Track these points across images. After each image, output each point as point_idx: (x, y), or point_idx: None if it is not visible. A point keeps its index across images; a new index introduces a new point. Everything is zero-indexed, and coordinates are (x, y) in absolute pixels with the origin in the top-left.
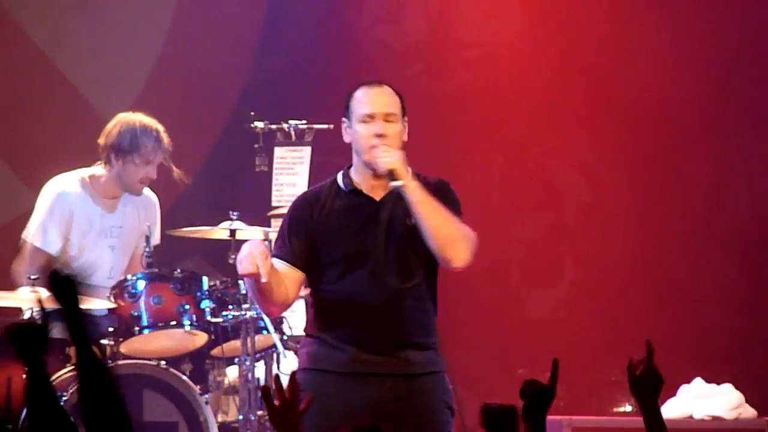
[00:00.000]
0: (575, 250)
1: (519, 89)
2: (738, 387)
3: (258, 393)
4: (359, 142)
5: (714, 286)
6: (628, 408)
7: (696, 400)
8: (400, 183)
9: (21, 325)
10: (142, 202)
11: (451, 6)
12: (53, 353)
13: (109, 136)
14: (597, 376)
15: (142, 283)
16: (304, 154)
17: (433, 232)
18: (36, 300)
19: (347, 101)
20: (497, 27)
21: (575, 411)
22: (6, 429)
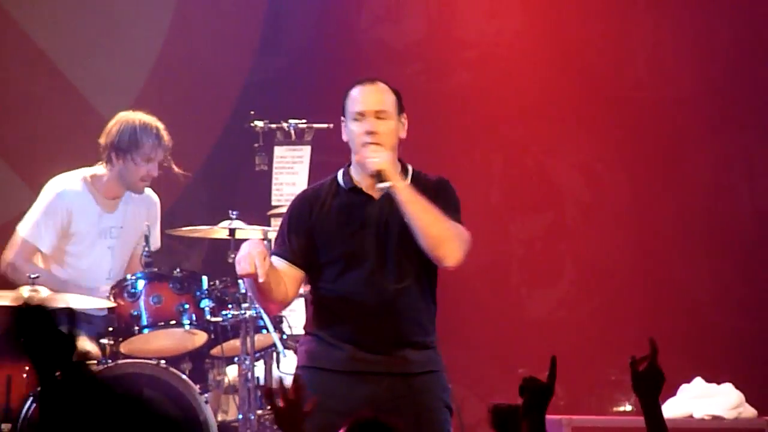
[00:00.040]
0: (575, 249)
1: (519, 89)
2: (738, 386)
3: (258, 392)
4: (352, 140)
5: (714, 285)
6: (628, 407)
7: (696, 399)
8: (387, 184)
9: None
10: (143, 202)
11: (451, 5)
12: None
13: (110, 135)
14: (597, 375)
15: (141, 283)
16: (303, 153)
17: (424, 231)
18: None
19: (343, 99)
20: (497, 26)
21: (575, 410)
22: None
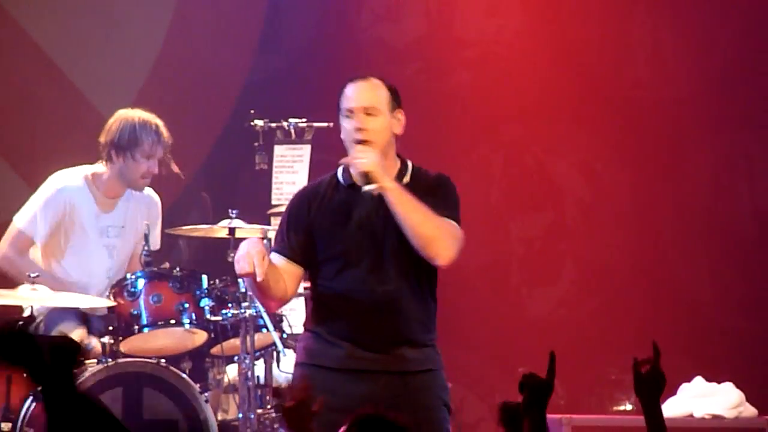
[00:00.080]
0: (575, 248)
1: (519, 88)
2: (738, 386)
3: (258, 391)
4: (344, 137)
5: (714, 284)
6: (628, 407)
7: (696, 398)
8: (372, 187)
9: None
10: (144, 201)
11: (451, 5)
12: None
13: (109, 133)
14: (597, 374)
15: (141, 282)
16: (303, 152)
17: (413, 231)
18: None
19: (338, 97)
20: (497, 26)
21: (575, 410)
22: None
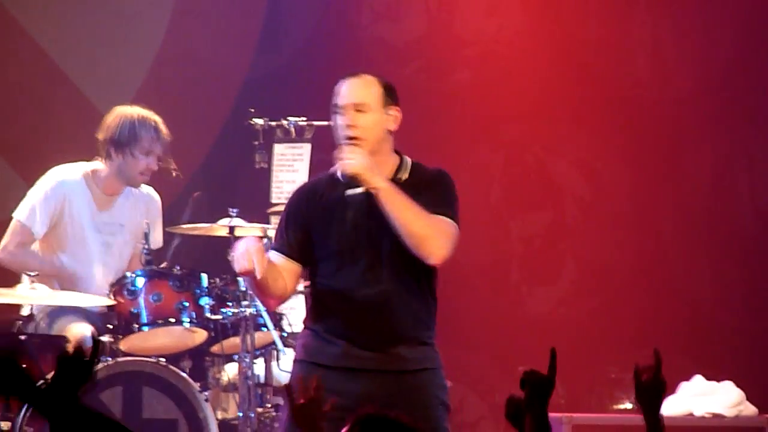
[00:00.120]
0: (575, 247)
1: (519, 87)
2: (738, 384)
3: (257, 390)
4: (337, 134)
5: (714, 283)
6: (628, 405)
7: (696, 397)
8: (357, 191)
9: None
10: (143, 199)
11: (451, 3)
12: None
13: (108, 130)
14: (597, 373)
15: (141, 281)
16: (303, 150)
17: (405, 230)
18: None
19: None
20: (497, 24)
21: (575, 408)
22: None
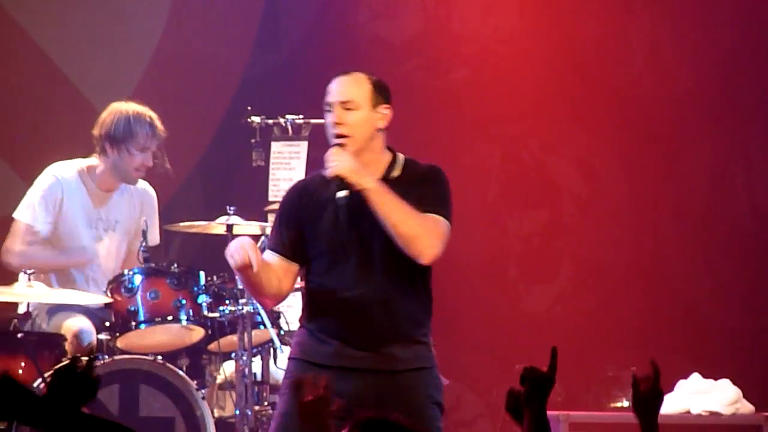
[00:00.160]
0: (572, 245)
1: (516, 85)
2: (735, 382)
3: (255, 388)
4: (327, 132)
5: (711, 281)
6: (625, 403)
7: (693, 395)
8: (344, 194)
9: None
10: (138, 195)
11: (448, 1)
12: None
13: (103, 125)
14: (594, 371)
15: (138, 278)
16: (301, 148)
17: (394, 230)
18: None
19: None
20: (494, 23)
21: (572, 406)
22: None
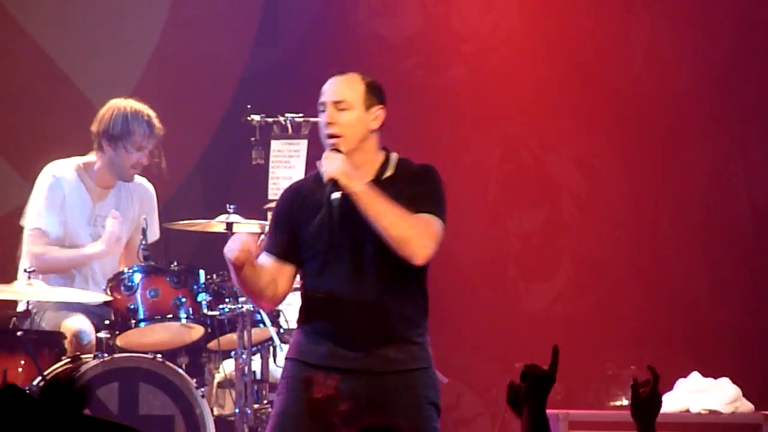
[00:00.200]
0: (572, 244)
1: (515, 83)
2: (735, 381)
3: (254, 386)
4: (321, 132)
5: (711, 280)
6: (624, 402)
7: (693, 393)
8: (337, 195)
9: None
10: (137, 191)
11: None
12: (48, 346)
13: (101, 122)
14: (594, 369)
15: (138, 276)
16: (300, 147)
17: (386, 233)
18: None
19: None
20: (494, 21)
21: (572, 405)
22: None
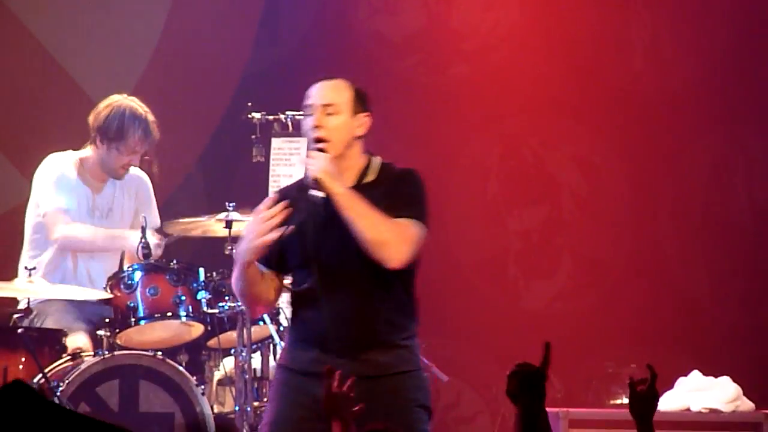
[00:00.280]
0: (572, 242)
1: (516, 81)
2: (735, 380)
3: (254, 384)
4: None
5: (711, 278)
6: (624, 400)
7: (693, 392)
8: (319, 194)
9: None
10: (132, 182)
11: None
12: (48, 344)
13: (98, 118)
14: (594, 368)
15: (138, 274)
16: (301, 145)
17: (361, 236)
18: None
19: None
20: (494, 19)
21: (572, 403)
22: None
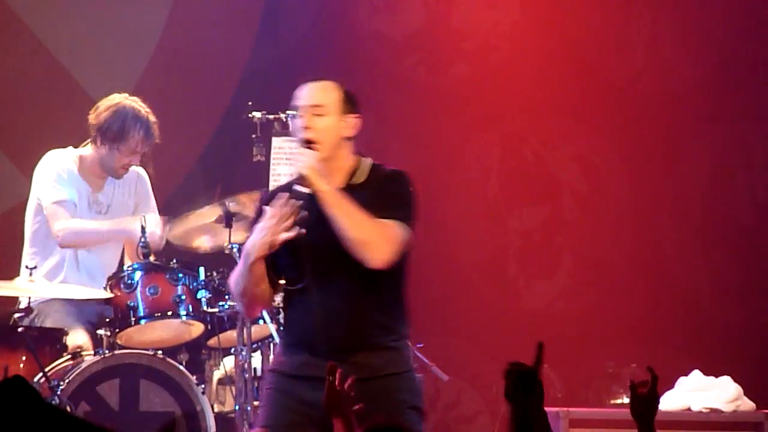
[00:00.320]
0: (573, 241)
1: (517, 80)
2: (736, 379)
3: (254, 383)
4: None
5: (712, 277)
6: (625, 400)
7: (694, 392)
8: (305, 190)
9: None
10: (132, 179)
11: None
12: (49, 343)
13: (99, 117)
14: (594, 367)
15: (138, 274)
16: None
17: (346, 235)
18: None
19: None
20: (495, 18)
21: (572, 402)
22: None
